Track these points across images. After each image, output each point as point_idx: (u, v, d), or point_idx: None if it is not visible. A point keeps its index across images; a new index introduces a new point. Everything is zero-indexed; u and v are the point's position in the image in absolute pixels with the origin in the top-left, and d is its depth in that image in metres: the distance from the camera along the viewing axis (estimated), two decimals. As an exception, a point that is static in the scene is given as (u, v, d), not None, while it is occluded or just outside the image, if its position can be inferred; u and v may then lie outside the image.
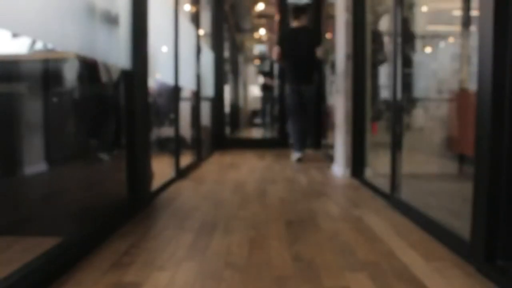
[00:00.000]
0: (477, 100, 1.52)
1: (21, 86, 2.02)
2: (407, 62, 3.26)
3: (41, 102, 2.11)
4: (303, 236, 1.95)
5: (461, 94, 3.36)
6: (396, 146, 2.61)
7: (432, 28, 4.27)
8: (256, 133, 10.89)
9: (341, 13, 3.68)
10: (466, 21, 3.37)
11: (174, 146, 3.63)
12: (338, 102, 3.82)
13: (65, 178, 2.13)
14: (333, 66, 4.46)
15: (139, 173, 2.40)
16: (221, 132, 6.45)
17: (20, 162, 2.04)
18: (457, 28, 3.58)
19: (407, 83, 3.30)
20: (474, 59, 1.73)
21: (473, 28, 3.21)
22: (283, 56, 4.77)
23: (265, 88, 9.38)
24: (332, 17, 4.97)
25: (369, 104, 3.53)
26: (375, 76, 3.76)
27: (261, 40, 12.21)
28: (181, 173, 3.59)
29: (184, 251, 1.75)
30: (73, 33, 1.71)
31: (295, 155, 4.76)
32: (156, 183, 2.87)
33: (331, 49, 4.98)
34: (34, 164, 2.08)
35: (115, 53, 2.17)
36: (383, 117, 3.68)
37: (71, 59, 2.28)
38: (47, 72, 2.18)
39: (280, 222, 2.20)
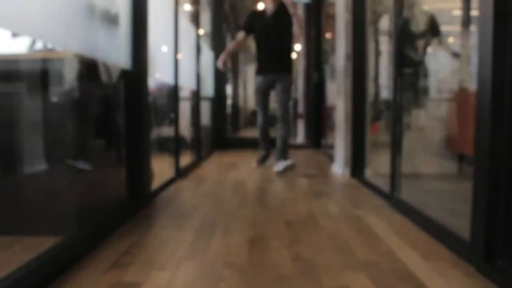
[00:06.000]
0: (477, 100, 1.52)
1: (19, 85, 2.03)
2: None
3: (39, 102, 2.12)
4: (303, 236, 1.95)
5: (461, 94, 3.36)
6: (395, 146, 2.61)
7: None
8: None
9: (341, 13, 3.68)
10: (466, 21, 3.37)
11: (174, 145, 3.63)
12: (338, 102, 3.82)
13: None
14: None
15: (139, 173, 2.40)
16: (221, 132, 6.45)
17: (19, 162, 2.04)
18: (457, 28, 3.58)
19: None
20: (474, 59, 1.73)
21: (473, 28, 3.21)
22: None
23: None
24: (332, 17, 4.97)
25: (369, 104, 3.53)
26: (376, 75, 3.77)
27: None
28: (181, 173, 3.59)
29: (184, 250, 1.74)
30: (72, 33, 1.70)
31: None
32: (156, 182, 2.87)
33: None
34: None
35: (115, 53, 2.17)
36: (382, 116, 3.68)
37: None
38: (46, 72, 2.18)
39: (280, 221, 2.20)
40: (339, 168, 3.75)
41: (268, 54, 3.95)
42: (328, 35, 5.96)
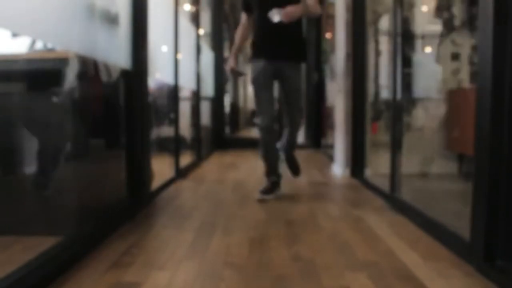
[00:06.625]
0: (477, 99, 1.52)
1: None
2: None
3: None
4: (303, 236, 1.95)
5: (460, 93, 3.36)
6: (395, 146, 2.61)
7: (432, 28, 4.27)
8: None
9: (341, 13, 3.68)
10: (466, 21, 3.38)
11: (174, 145, 3.62)
12: (338, 102, 3.82)
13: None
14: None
15: (139, 173, 2.40)
16: (221, 132, 6.45)
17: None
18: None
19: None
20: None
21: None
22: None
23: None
24: (332, 17, 4.97)
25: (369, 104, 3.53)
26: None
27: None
28: (181, 173, 3.59)
29: (184, 250, 1.74)
30: (72, 33, 1.70)
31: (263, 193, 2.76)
32: (156, 182, 2.87)
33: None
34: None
35: (115, 53, 2.17)
36: (382, 116, 3.68)
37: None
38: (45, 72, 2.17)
39: (280, 222, 2.20)
40: (339, 168, 3.75)
41: (270, 30, 2.66)
42: (328, 35, 5.96)
